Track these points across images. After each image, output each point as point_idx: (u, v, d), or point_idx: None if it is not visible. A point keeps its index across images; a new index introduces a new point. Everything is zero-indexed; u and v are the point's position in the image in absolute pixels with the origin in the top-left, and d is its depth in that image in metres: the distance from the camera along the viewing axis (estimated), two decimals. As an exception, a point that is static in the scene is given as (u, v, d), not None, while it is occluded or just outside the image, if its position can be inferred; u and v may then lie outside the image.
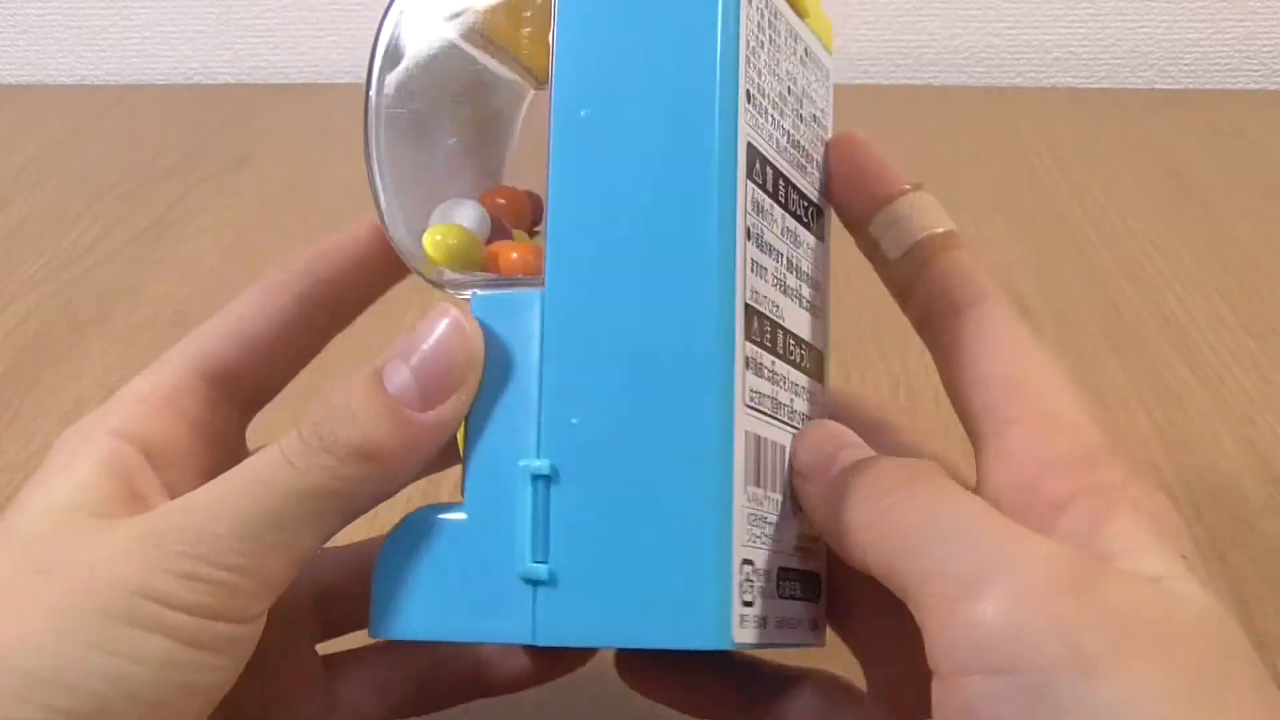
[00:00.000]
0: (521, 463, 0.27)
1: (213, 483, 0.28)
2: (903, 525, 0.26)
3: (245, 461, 0.28)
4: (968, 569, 0.24)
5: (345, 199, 0.76)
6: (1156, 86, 0.99)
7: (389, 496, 0.28)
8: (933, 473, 0.27)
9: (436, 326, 0.28)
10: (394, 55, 0.31)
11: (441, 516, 0.28)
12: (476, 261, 0.30)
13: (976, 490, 0.27)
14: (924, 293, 0.30)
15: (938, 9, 0.98)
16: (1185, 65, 0.99)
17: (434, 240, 0.30)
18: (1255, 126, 0.88)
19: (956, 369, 0.29)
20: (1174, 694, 0.22)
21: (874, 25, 0.99)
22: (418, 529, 0.28)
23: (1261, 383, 0.54)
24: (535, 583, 0.27)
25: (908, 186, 0.32)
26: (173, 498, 0.29)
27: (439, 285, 0.31)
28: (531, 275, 0.29)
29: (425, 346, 0.28)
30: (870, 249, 0.32)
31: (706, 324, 0.27)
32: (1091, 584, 0.23)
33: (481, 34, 0.32)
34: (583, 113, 0.27)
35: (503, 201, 0.32)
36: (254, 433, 0.33)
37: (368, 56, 0.31)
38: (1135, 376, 0.55)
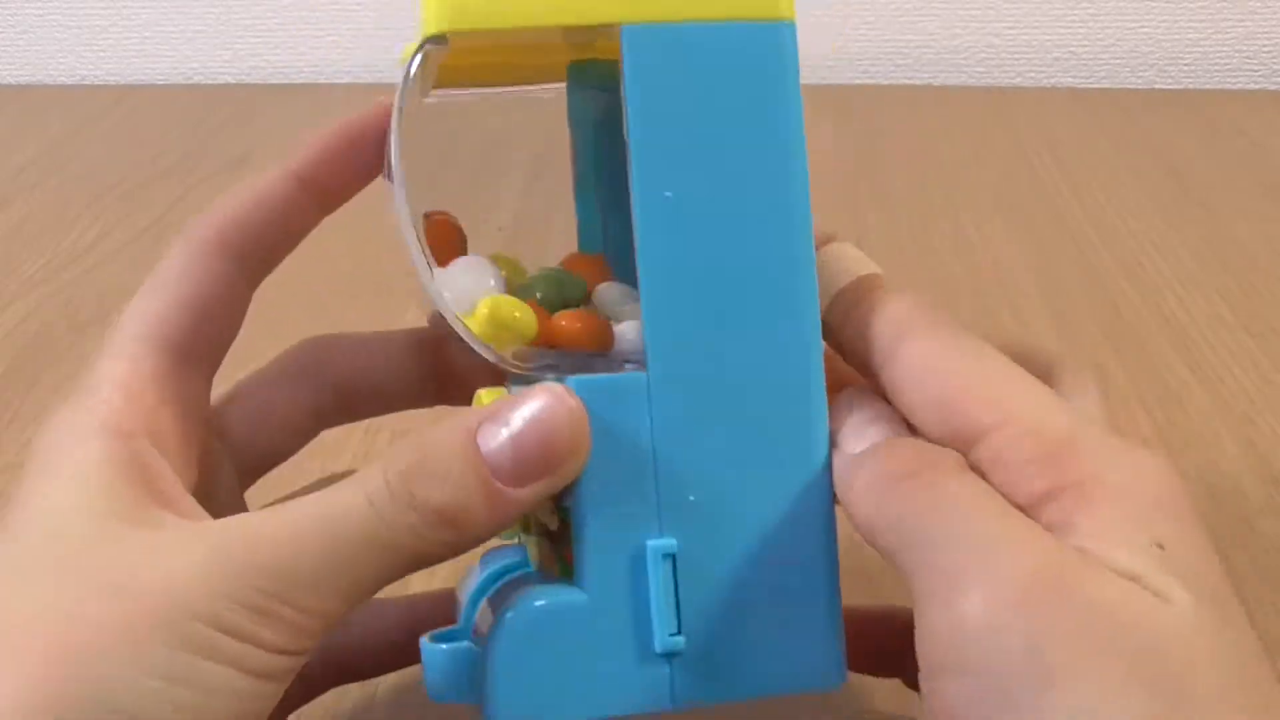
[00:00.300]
0: (650, 542, 0.28)
1: (289, 512, 0.27)
2: (905, 515, 0.26)
3: (324, 496, 0.27)
4: (954, 567, 0.24)
5: (345, 199, 0.76)
6: (1156, 86, 0.99)
7: (456, 556, 0.28)
8: (942, 462, 0.26)
9: (543, 400, 0.27)
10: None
11: (560, 600, 0.28)
12: (529, 335, 0.29)
13: None
14: (851, 346, 0.30)
15: (938, 9, 0.98)
16: (1185, 65, 0.99)
17: (495, 317, 0.29)
18: (1255, 126, 0.88)
19: (909, 410, 0.29)
20: (1128, 709, 0.22)
21: (874, 25, 0.99)
22: (534, 615, 0.28)
23: (1261, 383, 0.54)
24: (672, 654, 0.28)
25: (823, 237, 0.31)
26: (188, 490, 0.29)
27: (501, 364, 0.29)
28: (593, 348, 0.29)
29: (528, 418, 0.27)
30: None
31: (807, 391, 0.29)
32: (1065, 589, 0.23)
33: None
34: (667, 194, 0.28)
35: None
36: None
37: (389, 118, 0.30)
38: (1135, 376, 0.55)
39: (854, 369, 0.30)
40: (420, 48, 0.28)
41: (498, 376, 0.31)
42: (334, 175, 0.33)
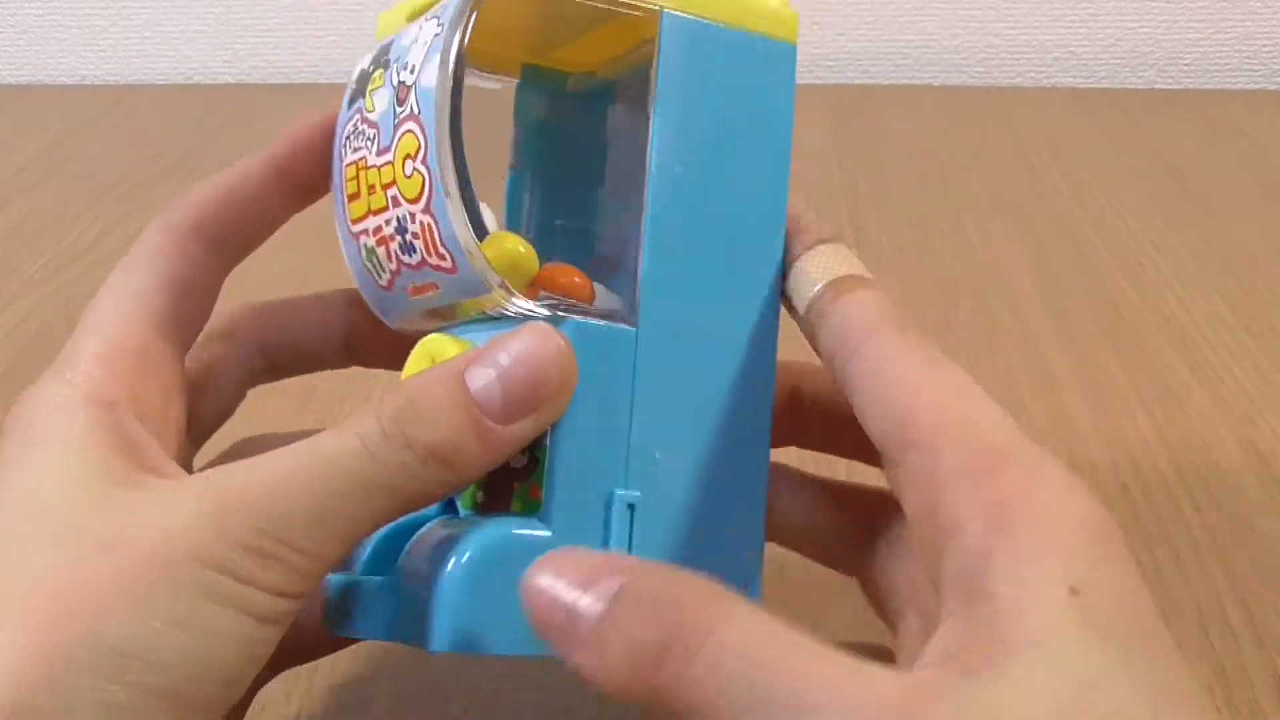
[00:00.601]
0: (618, 491, 0.29)
1: (280, 459, 0.27)
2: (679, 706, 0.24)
3: (315, 441, 0.27)
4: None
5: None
6: (1156, 86, 0.99)
7: (447, 497, 0.29)
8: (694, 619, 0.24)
9: (531, 339, 0.28)
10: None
11: (527, 532, 0.28)
12: (531, 274, 0.31)
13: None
14: (824, 341, 0.30)
15: (938, 9, 0.98)
16: (1185, 65, 0.99)
17: (504, 252, 0.30)
18: (1255, 126, 0.88)
19: (859, 409, 0.29)
20: None
21: (874, 25, 0.99)
22: (502, 543, 0.28)
23: (1261, 383, 0.54)
24: None
25: (816, 239, 0.32)
26: (171, 458, 0.29)
27: (507, 299, 0.29)
28: (583, 300, 0.30)
29: (516, 356, 0.28)
30: (789, 309, 0.32)
31: (762, 367, 0.31)
32: None
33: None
34: (677, 169, 0.30)
35: None
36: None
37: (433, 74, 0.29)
38: (1135, 376, 0.55)
39: (823, 363, 0.30)
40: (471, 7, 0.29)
41: (405, 342, 0.31)
42: (313, 167, 0.33)
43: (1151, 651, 0.23)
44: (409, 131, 0.29)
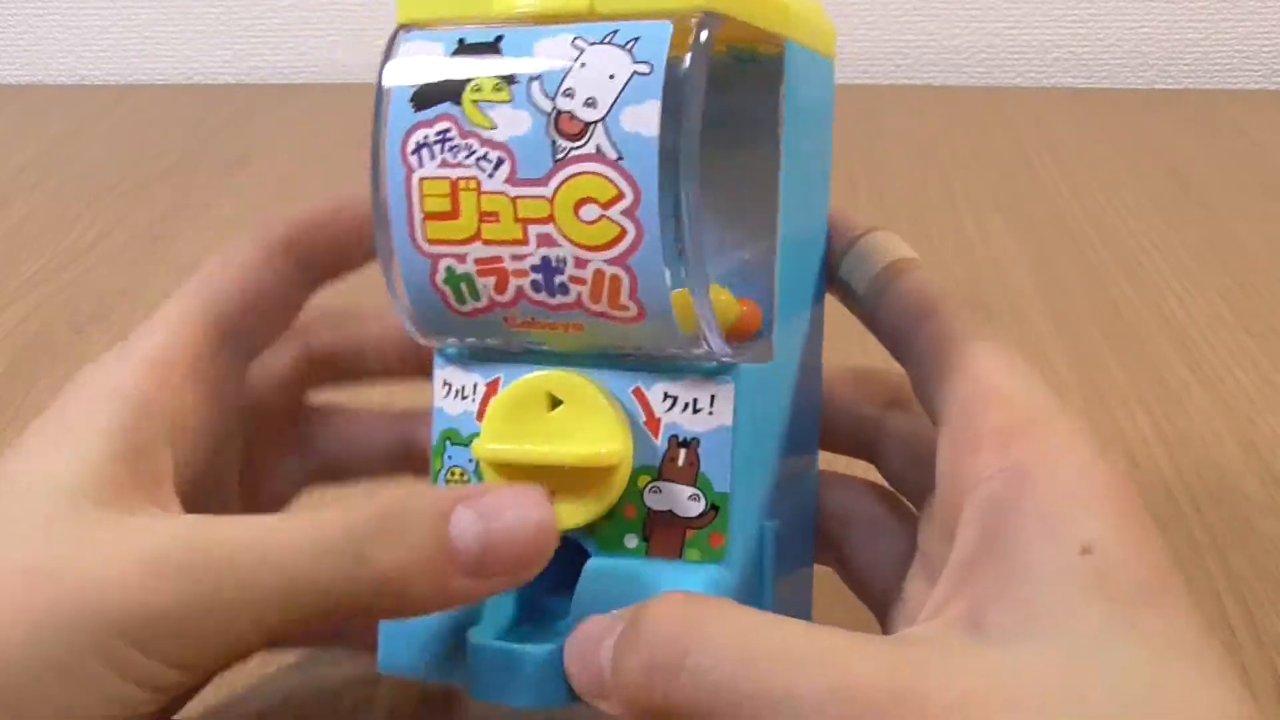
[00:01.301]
0: (767, 523, 0.30)
1: (239, 528, 0.26)
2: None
3: (284, 526, 0.26)
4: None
5: (345, 199, 0.76)
6: (1157, 86, 0.99)
7: (375, 620, 0.29)
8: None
9: (532, 508, 0.26)
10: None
11: (729, 583, 0.29)
12: (729, 322, 0.30)
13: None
14: (885, 317, 0.31)
15: (937, 9, 0.98)
16: (1185, 65, 0.99)
17: (719, 304, 0.29)
18: (1255, 126, 0.88)
19: (918, 380, 0.30)
20: None
21: (874, 25, 0.99)
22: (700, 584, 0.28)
23: (1262, 383, 0.54)
24: None
25: (868, 228, 0.33)
26: (179, 471, 0.29)
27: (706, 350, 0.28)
28: (754, 331, 0.30)
29: (511, 522, 0.26)
30: (842, 293, 0.33)
31: (819, 385, 0.33)
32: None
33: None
34: (793, 195, 0.30)
35: None
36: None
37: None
38: (1135, 376, 0.55)
39: (884, 344, 0.32)
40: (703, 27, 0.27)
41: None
42: None
43: (1162, 607, 0.24)
44: (596, 175, 0.27)
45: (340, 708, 0.36)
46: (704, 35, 0.27)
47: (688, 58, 0.27)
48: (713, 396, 0.29)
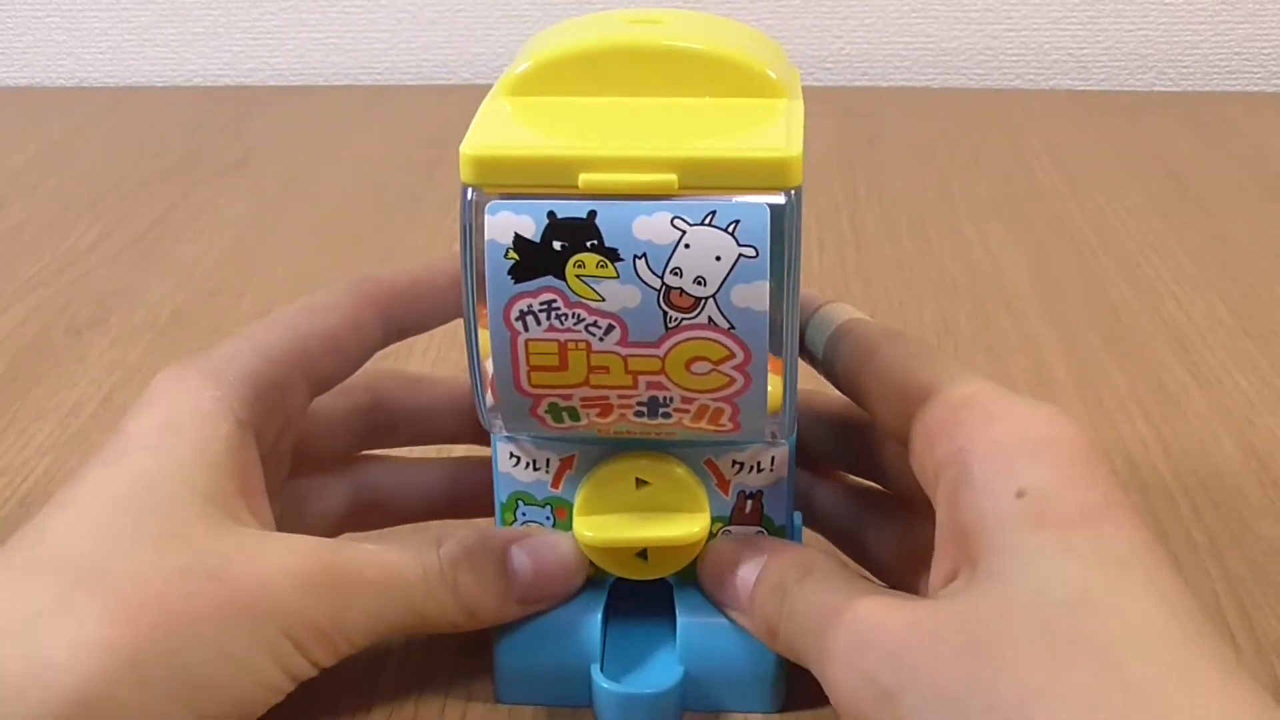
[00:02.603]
0: (797, 514, 0.37)
1: (364, 555, 0.32)
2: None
3: (386, 552, 0.33)
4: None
5: (343, 200, 0.76)
6: (1155, 89, 0.99)
7: (443, 632, 0.35)
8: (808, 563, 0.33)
9: (572, 551, 0.34)
10: None
11: None
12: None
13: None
14: (839, 367, 0.35)
15: (936, 11, 0.98)
16: (1184, 67, 0.99)
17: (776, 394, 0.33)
18: (1255, 129, 0.88)
19: (873, 408, 0.34)
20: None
21: (873, 27, 0.99)
22: None
23: (1261, 385, 0.54)
24: None
25: (824, 301, 0.37)
26: (265, 492, 0.34)
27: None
28: None
29: (552, 560, 0.34)
30: (808, 358, 0.36)
31: None
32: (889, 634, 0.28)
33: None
34: None
35: None
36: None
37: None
38: (1134, 379, 0.55)
39: (841, 390, 0.35)
40: None
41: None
42: None
43: (1098, 527, 0.27)
44: (709, 340, 0.30)
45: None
46: (796, 215, 0.29)
47: (785, 240, 0.29)
48: (773, 458, 0.35)
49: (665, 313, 0.29)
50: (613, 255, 0.29)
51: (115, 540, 0.30)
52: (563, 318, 0.30)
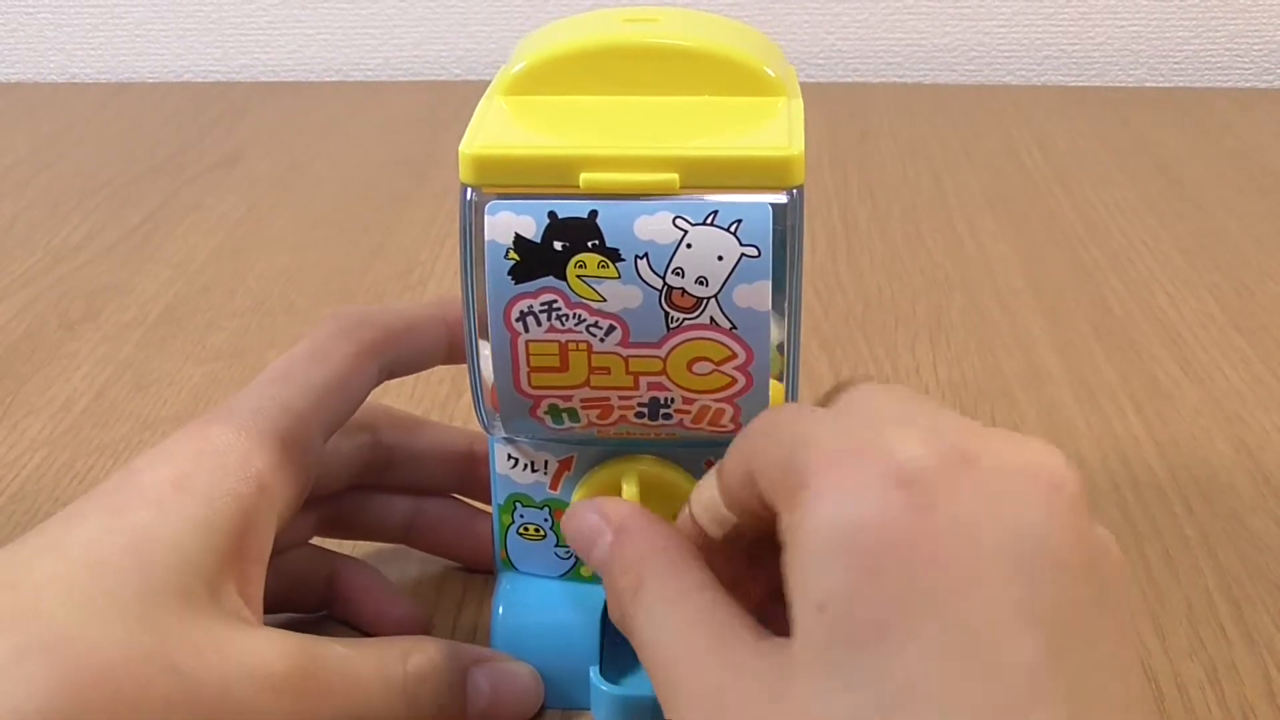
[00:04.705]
0: None
1: (346, 663, 0.32)
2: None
3: (355, 660, 0.32)
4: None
5: (335, 196, 0.76)
6: (1147, 84, 0.99)
7: None
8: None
9: (529, 681, 0.35)
10: None
11: None
12: None
13: None
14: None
15: (928, 7, 0.98)
16: (1175, 63, 0.99)
17: (779, 393, 0.32)
18: (1245, 124, 0.88)
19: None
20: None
21: (865, 24, 0.99)
22: None
23: (1252, 380, 0.55)
24: None
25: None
26: (264, 560, 0.33)
27: None
28: None
29: (510, 691, 0.35)
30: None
31: None
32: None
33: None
34: None
35: None
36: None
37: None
38: (1125, 374, 0.55)
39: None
40: None
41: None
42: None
43: (882, 646, 0.24)
44: (710, 340, 0.30)
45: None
46: (799, 214, 0.29)
47: (788, 237, 0.29)
48: None
49: (667, 313, 0.29)
50: (614, 255, 0.29)
51: (89, 608, 0.29)
52: (564, 318, 0.30)
